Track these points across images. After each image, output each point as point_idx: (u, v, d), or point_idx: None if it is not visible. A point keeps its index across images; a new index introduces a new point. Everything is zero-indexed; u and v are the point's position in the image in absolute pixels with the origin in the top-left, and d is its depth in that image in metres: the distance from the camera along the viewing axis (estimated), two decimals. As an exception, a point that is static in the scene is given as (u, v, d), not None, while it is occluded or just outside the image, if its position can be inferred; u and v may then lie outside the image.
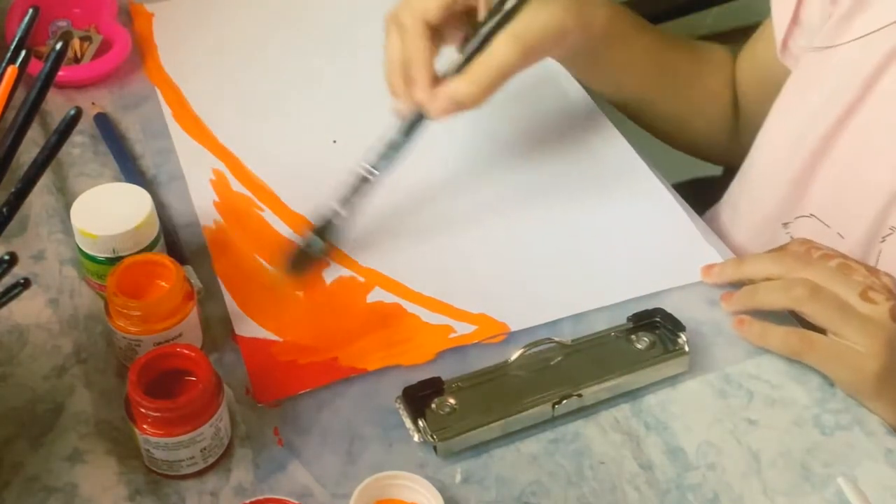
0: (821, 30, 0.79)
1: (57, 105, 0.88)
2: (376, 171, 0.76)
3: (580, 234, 0.80)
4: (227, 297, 0.74)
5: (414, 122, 0.76)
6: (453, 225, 0.81)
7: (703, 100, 0.93)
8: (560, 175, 0.85)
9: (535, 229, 0.81)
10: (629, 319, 0.72)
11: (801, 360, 0.70)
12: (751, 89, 0.92)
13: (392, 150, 0.76)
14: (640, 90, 0.91)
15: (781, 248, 0.76)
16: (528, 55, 0.75)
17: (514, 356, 0.68)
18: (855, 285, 0.69)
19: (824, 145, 0.79)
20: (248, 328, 0.72)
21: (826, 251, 0.73)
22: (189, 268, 0.73)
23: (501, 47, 0.74)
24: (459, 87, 0.74)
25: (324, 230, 0.76)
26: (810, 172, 0.80)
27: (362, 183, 0.76)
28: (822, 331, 0.69)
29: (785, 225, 0.84)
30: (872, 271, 0.71)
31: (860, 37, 0.76)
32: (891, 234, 0.76)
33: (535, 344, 0.69)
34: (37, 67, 0.63)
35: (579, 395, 0.67)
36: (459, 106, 0.75)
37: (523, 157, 0.87)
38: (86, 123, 0.87)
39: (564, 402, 0.67)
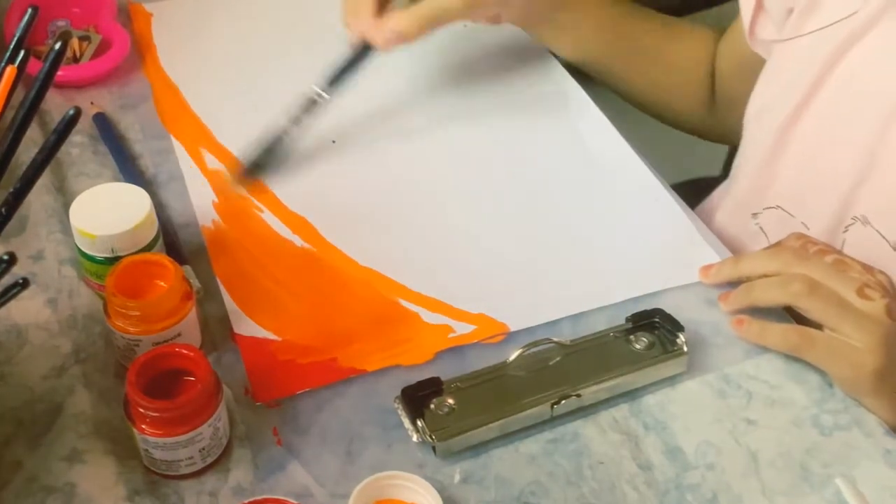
0: (786, 20, 0.81)
1: (56, 105, 0.88)
2: (325, 95, 0.84)
3: (579, 235, 0.80)
4: (226, 297, 0.74)
5: (361, 52, 0.83)
6: (453, 225, 0.81)
7: (666, 76, 0.96)
8: (559, 175, 0.85)
9: (534, 229, 0.81)
10: (628, 320, 0.72)
11: (800, 357, 0.70)
12: (730, 73, 0.94)
13: (340, 77, 0.84)
14: (597, 58, 0.94)
15: (777, 244, 0.76)
16: (472, 6, 0.82)
17: (513, 356, 0.68)
18: (851, 282, 0.69)
19: (784, 136, 0.80)
20: (247, 327, 0.72)
21: (822, 247, 0.74)
22: (188, 268, 0.73)
23: None
24: (401, 21, 0.81)
25: (272, 148, 0.83)
26: (774, 162, 0.82)
27: (311, 105, 0.84)
28: (818, 327, 0.69)
29: (754, 215, 0.85)
30: (867, 268, 0.71)
31: (818, 29, 0.78)
32: (853, 223, 0.77)
33: (534, 344, 0.69)
34: (36, 67, 0.63)
35: (578, 396, 0.67)
36: (400, 38, 0.81)
37: (522, 158, 0.87)
38: (85, 123, 0.87)
39: (563, 402, 0.67)
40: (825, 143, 0.78)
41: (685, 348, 0.70)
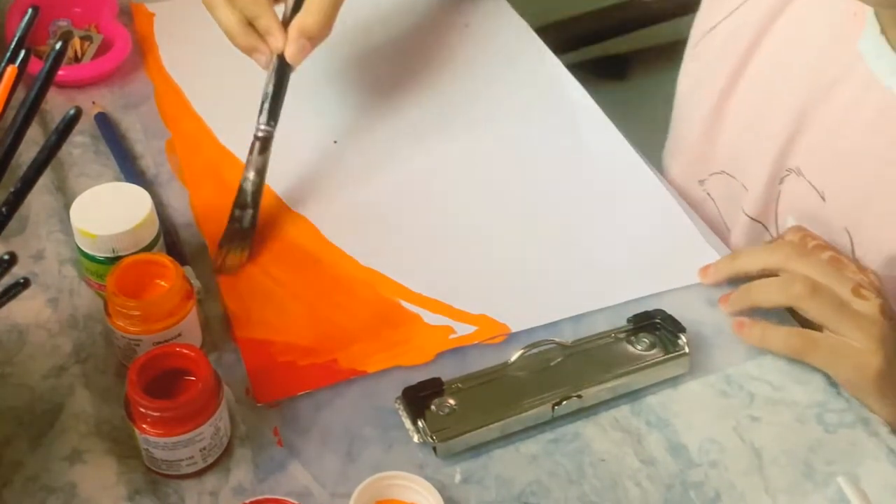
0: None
1: (57, 105, 0.88)
2: (270, 128, 0.79)
3: (580, 235, 0.80)
4: (227, 298, 0.74)
5: (281, 69, 0.79)
6: (454, 226, 0.81)
7: None
8: (560, 176, 0.85)
9: (535, 230, 0.80)
10: (629, 321, 0.72)
11: (803, 361, 0.70)
12: None
13: (275, 102, 0.79)
14: None
15: (777, 239, 0.77)
16: None
17: (514, 357, 0.68)
18: (847, 281, 0.69)
19: (720, 108, 0.85)
20: (248, 329, 0.72)
21: (819, 242, 0.74)
22: (188, 268, 0.73)
23: None
24: (305, 22, 0.78)
25: (245, 200, 0.78)
26: (713, 132, 0.86)
27: (264, 143, 0.79)
28: (818, 327, 0.69)
29: (701, 182, 0.88)
30: (860, 268, 0.72)
31: (739, 7, 0.83)
32: (788, 175, 0.80)
33: (536, 345, 0.69)
34: (37, 67, 0.63)
35: (579, 397, 0.67)
36: (312, 41, 0.79)
37: (524, 158, 0.87)
38: (86, 123, 0.87)
39: (564, 403, 0.66)
40: (759, 108, 0.82)
41: (687, 349, 0.69)
